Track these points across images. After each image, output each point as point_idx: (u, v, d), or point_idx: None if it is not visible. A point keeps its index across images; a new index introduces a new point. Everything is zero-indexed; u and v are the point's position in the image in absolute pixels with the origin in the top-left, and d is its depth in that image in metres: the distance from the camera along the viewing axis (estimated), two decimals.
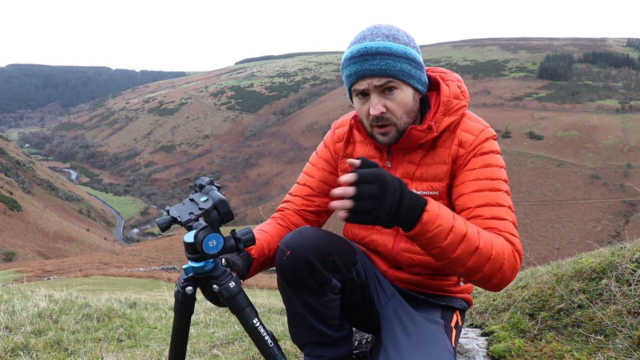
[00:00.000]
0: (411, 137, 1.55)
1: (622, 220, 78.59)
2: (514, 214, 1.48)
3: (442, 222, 1.28)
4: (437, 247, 1.30)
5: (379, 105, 1.50)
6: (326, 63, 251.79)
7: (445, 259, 1.32)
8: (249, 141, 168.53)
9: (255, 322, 1.33)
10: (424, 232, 1.27)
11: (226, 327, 2.96)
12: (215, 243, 1.24)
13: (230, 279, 1.32)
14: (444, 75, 1.66)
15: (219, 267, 1.33)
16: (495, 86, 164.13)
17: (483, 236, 1.34)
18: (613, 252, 2.25)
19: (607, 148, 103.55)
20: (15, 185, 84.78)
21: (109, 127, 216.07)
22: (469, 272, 1.35)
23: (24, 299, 3.37)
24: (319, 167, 1.81)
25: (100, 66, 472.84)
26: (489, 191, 1.48)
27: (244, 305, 1.33)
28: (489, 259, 1.32)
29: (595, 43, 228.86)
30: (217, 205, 1.22)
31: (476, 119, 1.62)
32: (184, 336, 1.40)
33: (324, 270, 1.48)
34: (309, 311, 1.56)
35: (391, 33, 1.51)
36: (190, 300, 1.35)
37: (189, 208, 1.27)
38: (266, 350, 1.34)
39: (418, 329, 1.51)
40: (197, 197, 1.28)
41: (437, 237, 1.28)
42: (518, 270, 1.40)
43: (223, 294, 1.31)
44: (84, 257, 35.17)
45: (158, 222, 1.25)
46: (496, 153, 1.56)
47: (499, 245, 1.34)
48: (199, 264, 1.29)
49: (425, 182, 1.59)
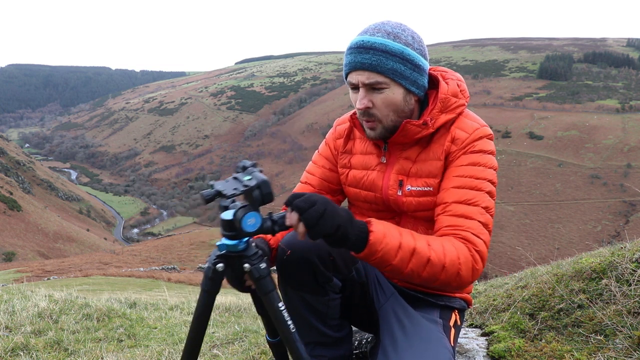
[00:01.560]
0: (407, 131, 1.56)
1: (622, 220, 78.55)
2: (489, 216, 1.48)
3: (389, 240, 1.31)
4: (389, 265, 1.33)
5: (365, 99, 1.52)
6: (326, 63, 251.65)
7: (400, 275, 1.36)
8: (249, 141, 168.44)
9: (280, 306, 1.36)
10: (373, 253, 1.30)
11: (226, 327, 2.97)
12: (254, 221, 1.26)
13: (261, 260, 1.35)
14: (445, 73, 1.66)
15: (252, 248, 1.35)
16: (495, 86, 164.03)
17: (434, 247, 1.36)
18: (613, 252, 2.25)
19: (607, 148, 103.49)
20: (15, 185, 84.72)
21: (109, 127, 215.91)
22: (425, 282, 1.38)
23: (24, 299, 3.37)
24: (320, 164, 1.83)
25: (100, 66, 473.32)
26: (469, 189, 1.49)
27: (272, 287, 1.36)
28: (443, 267, 1.35)
29: (595, 43, 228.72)
30: (260, 185, 1.25)
31: (474, 117, 1.62)
32: (207, 313, 1.41)
33: (325, 269, 1.49)
34: (310, 311, 1.57)
35: (394, 31, 1.50)
36: (219, 278, 1.37)
37: (233, 184, 1.30)
38: (288, 335, 1.36)
39: (416, 328, 1.51)
40: (240, 176, 1.31)
41: (387, 255, 1.31)
42: (480, 270, 1.42)
43: (254, 274, 1.33)
44: (84, 257, 35.17)
45: (203, 194, 1.26)
46: (487, 153, 1.55)
47: (452, 252, 1.37)
48: (233, 241, 1.32)
49: (420, 178, 1.60)
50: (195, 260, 32.04)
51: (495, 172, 1.56)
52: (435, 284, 1.40)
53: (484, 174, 1.51)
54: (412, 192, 1.60)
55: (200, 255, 35.22)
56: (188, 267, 26.74)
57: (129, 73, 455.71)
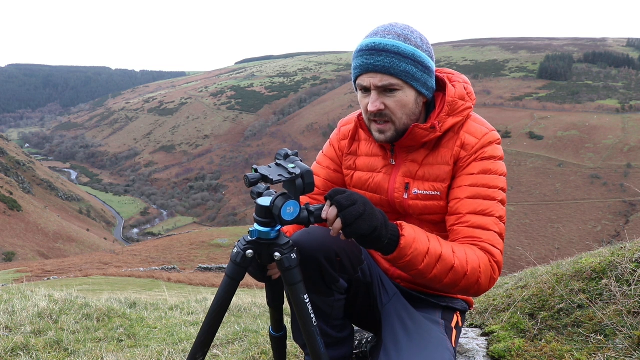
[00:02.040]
0: (414, 135, 1.55)
1: (622, 220, 78.49)
2: (503, 225, 1.50)
3: (419, 245, 1.33)
4: (415, 270, 1.36)
5: (377, 102, 1.51)
6: (326, 63, 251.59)
7: (423, 279, 1.39)
8: (249, 141, 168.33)
9: (305, 298, 1.34)
10: (402, 257, 1.33)
11: (226, 327, 2.96)
12: (292, 210, 1.25)
13: (292, 250, 1.33)
14: (451, 76, 1.66)
15: (284, 237, 1.34)
16: (495, 86, 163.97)
17: (458, 254, 1.39)
18: (613, 252, 2.25)
19: (607, 148, 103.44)
20: (15, 185, 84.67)
21: (109, 127, 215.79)
22: (446, 288, 1.42)
23: (24, 299, 3.37)
24: (325, 165, 1.83)
25: (100, 66, 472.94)
26: (483, 199, 1.49)
27: (299, 278, 1.34)
28: (465, 275, 1.38)
29: (595, 43, 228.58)
30: (304, 174, 1.24)
31: (481, 121, 1.61)
32: (228, 301, 1.39)
33: (332, 270, 1.49)
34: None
35: (404, 33, 1.50)
36: (246, 264, 1.35)
37: (277, 170, 1.28)
38: (309, 327, 1.35)
39: (419, 328, 1.52)
40: (284, 163, 1.29)
41: (415, 260, 1.34)
42: (496, 279, 1.46)
43: (284, 264, 1.31)
44: (84, 257, 35.16)
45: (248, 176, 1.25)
46: (498, 159, 1.55)
47: (474, 261, 1.40)
48: (266, 229, 1.30)
49: (427, 182, 1.59)
50: (195, 260, 32.00)
51: (505, 177, 1.57)
52: (454, 290, 1.43)
53: (496, 182, 1.52)
54: (418, 195, 1.60)
55: (200, 255, 35.17)
56: (188, 267, 26.72)
57: (129, 73, 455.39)
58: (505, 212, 1.52)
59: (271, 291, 1.52)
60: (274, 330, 1.60)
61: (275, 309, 1.57)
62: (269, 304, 1.56)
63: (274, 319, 1.59)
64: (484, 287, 1.43)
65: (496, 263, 1.43)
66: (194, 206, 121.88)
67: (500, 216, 1.50)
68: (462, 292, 1.43)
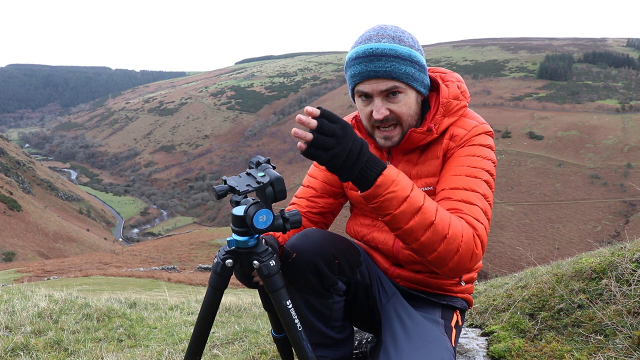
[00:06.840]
0: (411, 139, 1.56)
1: (622, 220, 78.49)
2: (487, 203, 1.45)
3: (397, 189, 1.28)
4: (389, 214, 1.30)
5: (382, 109, 1.49)
6: (326, 63, 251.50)
7: (398, 229, 1.32)
8: (249, 141, 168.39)
9: (288, 304, 1.34)
10: (376, 195, 1.28)
11: (226, 327, 2.96)
12: (265, 219, 1.24)
13: (271, 257, 1.33)
14: (444, 75, 1.65)
15: (262, 244, 1.33)
16: (495, 86, 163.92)
17: (441, 214, 1.32)
18: (613, 252, 2.25)
19: (607, 148, 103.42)
20: (15, 185, 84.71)
21: (109, 127, 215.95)
22: (422, 249, 1.33)
23: (24, 299, 3.37)
24: (321, 167, 1.81)
25: (100, 66, 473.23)
26: (466, 176, 1.47)
27: (280, 285, 1.34)
28: (445, 237, 1.30)
29: (595, 43, 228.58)
30: (273, 182, 1.23)
31: (474, 116, 1.61)
32: (214, 310, 1.40)
33: (330, 273, 1.48)
34: (313, 313, 1.57)
35: (397, 35, 1.49)
36: (227, 274, 1.36)
37: (246, 180, 1.28)
38: (294, 333, 1.35)
39: (418, 328, 1.50)
40: (254, 172, 1.29)
41: (390, 203, 1.28)
42: (479, 257, 1.37)
43: (263, 271, 1.31)
44: (84, 257, 35.17)
45: (216, 189, 1.25)
46: (486, 147, 1.54)
47: (458, 227, 1.33)
48: (243, 237, 1.30)
49: (421, 179, 1.60)
50: (195, 260, 32.00)
51: (494, 165, 1.54)
52: (430, 256, 1.34)
53: (481, 164, 1.50)
54: None
55: (200, 255, 35.17)
56: (188, 267, 26.72)
57: (129, 73, 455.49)
58: (491, 195, 1.48)
59: (264, 296, 1.51)
60: (275, 332, 1.61)
61: (272, 313, 1.56)
62: (265, 308, 1.56)
63: (272, 322, 1.60)
64: (464, 261, 1.34)
65: (479, 237, 1.36)
66: (194, 206, 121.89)
67: (485, 194, 1.45)
68: (439, 260, 1.34)
